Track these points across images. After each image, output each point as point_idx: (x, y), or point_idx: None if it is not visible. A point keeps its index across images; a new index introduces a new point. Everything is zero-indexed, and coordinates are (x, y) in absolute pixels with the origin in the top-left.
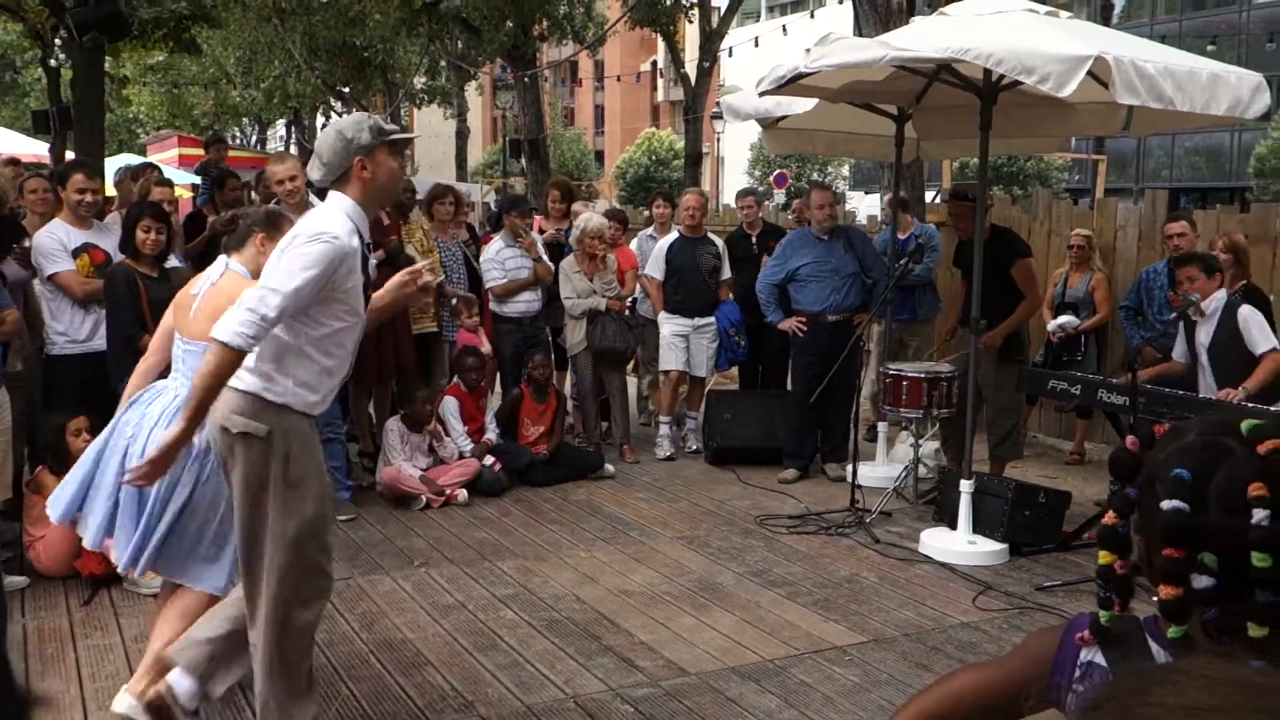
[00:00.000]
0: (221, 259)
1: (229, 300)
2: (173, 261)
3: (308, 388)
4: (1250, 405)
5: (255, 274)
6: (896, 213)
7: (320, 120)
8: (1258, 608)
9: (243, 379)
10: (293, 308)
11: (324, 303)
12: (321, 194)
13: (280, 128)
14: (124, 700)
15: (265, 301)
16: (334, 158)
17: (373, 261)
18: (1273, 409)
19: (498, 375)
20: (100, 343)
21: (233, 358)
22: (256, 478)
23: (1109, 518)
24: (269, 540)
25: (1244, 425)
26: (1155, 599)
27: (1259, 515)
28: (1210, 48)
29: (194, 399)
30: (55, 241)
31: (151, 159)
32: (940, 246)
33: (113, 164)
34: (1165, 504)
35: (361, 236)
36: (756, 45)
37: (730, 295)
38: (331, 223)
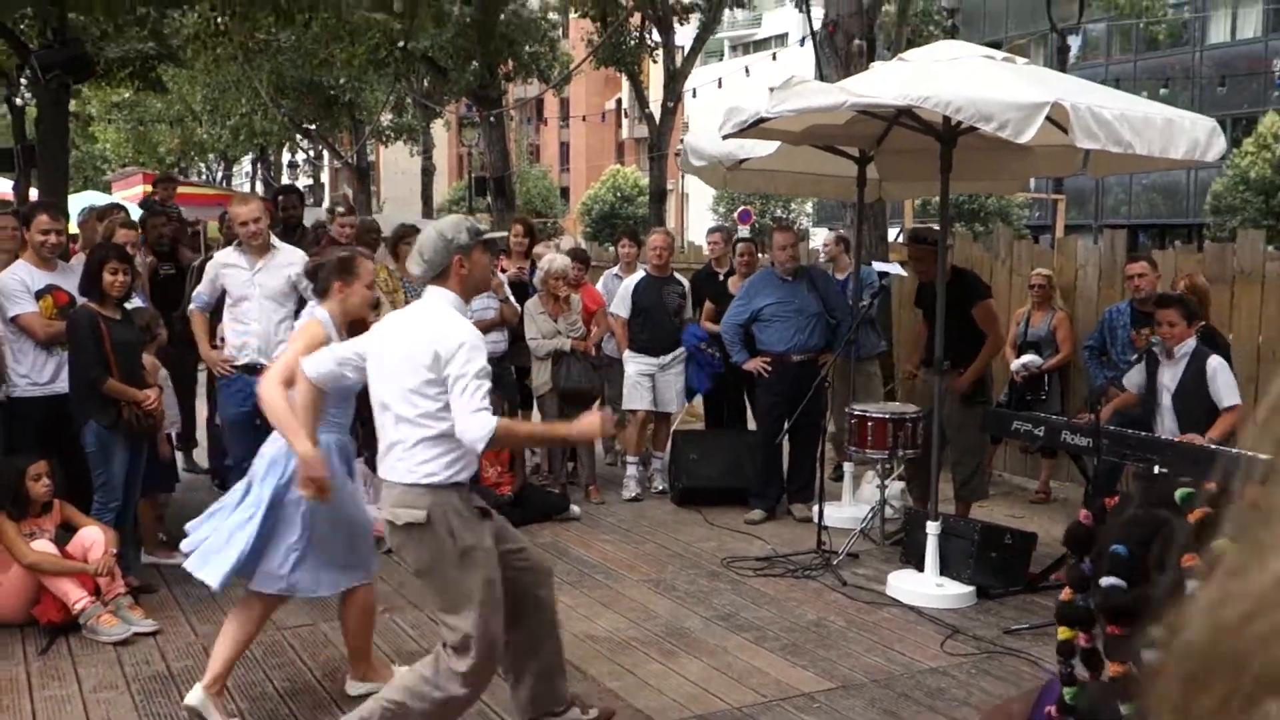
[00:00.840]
0: (311, 305)
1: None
2: (135, 301)
3: (446, 461)
4: (1213, 446)
5: (342, 318)
6: (859, 255)
7: (286, 156)
8: None
9: (398, 472)
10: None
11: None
12: (283, 233)
13: (246, 164)
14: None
15: (478, 398)
16: (435, 255)
17: None
18: (1233, 450)
19: None
20: (63, 385)
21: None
22: (431, 557)
23: (1066, 594)
24: (461, 606)
25: (1178, 494)
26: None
27: (1192, 587)
28: (1163, 90)
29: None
30: (18, 283)
31: (116, 196)
32: (876, 283)
33: (78, 201)
34: (1103, 581)
35: None
36: (720, 86)
37: None
38: (461, 327)
